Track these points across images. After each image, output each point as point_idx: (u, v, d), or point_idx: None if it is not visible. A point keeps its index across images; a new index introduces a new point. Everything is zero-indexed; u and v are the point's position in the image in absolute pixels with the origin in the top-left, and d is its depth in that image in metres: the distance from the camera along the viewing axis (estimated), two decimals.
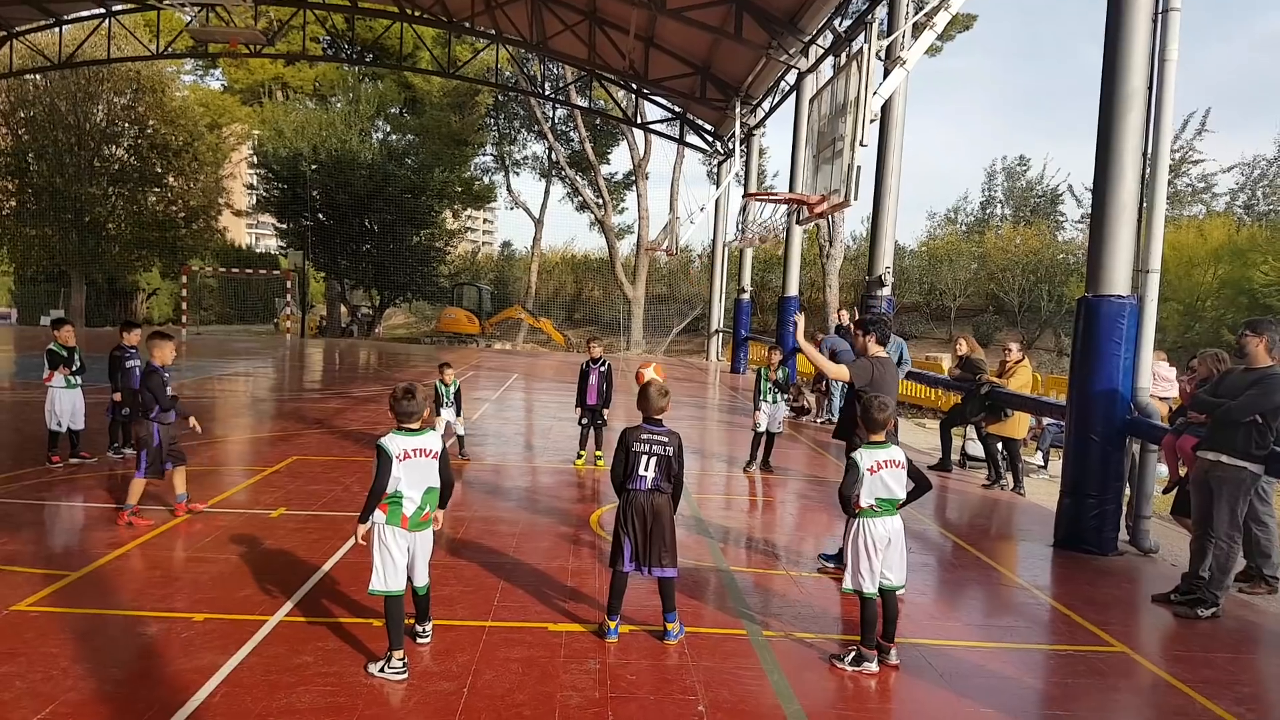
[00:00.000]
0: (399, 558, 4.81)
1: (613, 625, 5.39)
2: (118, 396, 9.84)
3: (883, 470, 5.14)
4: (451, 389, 10.58)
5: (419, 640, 5.14)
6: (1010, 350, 11.39)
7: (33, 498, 8.33)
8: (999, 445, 11.12)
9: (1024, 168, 48.13)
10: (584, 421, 10.92)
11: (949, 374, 11.30)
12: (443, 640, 5.23)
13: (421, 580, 5.01)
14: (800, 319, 7.65)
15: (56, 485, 8.85)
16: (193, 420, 8.09)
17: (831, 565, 7.05)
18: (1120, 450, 8.16)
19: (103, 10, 28.15)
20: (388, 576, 4.79)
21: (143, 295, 48.36)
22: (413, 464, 4.80)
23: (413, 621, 5.14)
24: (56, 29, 28.95)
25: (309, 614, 5.59)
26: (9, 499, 8.21)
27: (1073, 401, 8.45)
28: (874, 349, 6.95)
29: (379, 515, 4.80)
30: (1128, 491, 8.52)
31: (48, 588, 5.85)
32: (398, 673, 4.70)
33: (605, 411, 10.91)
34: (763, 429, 11.10)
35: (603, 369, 10.79)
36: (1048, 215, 46.04)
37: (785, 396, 11.34)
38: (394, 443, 4.78)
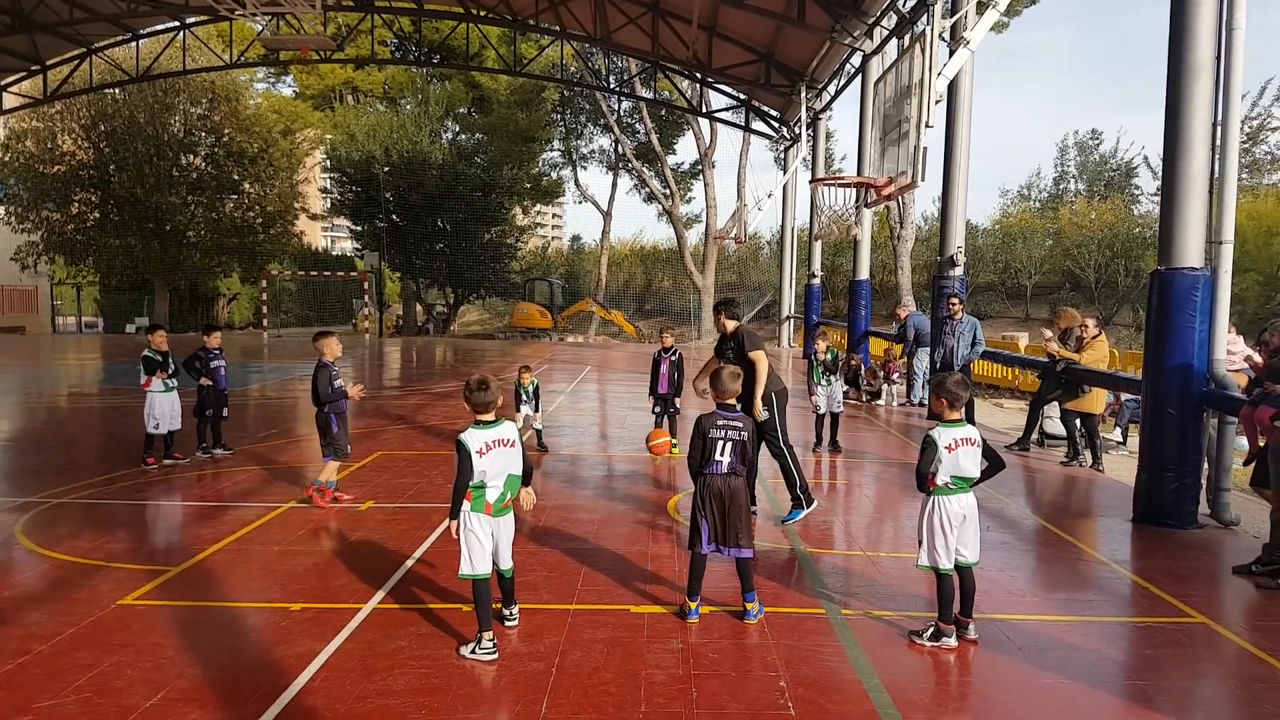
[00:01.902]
0: (485, 542, 5.01)
1: (693, 606, 5.52)
2: (206, 380, 10.37)
3: (959, 449, 5.17)
4: (530, 388, 10.84)
5: (507, 623, 5.34)
6: (1087, 326, 11.23)
7: (132, 498, 8.72)
8: (1077, 422, 11.02)
9: (1096, 141, 46.89)
10: (657, 410, 11.10)
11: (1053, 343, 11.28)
12: (530, 623, 5.43)
13: (506, 564, 5.21)
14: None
15: (153, 485, 9.26)
16: (358, 389, 8.60)
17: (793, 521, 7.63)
18: (1198, 423, 8.07)
19: (177, 23, 29.05)
20: (475, 561, 5.00)
21: (224, 300, 49.74)
22: (493, 455, 4.98)
23: (500, 605, 5.35)
24: (133, 43, 29.86)
25: (401, 601, 5.82)
26: (109, 499, 8.63)
27: (1148, 376, 8.39)
28: (730, 326, 7.73)
29: (464, 503, 5.00)
30: (1206, 465, 8.39)
31: (151, 582, 6.15)
32: (488, 653, 4.90)
33: (678, 400, 11.08)
34: (823, 410, 11.54)
35: (674, 358, 10.96)
36: (1123, 189, 44.73)
37: (837, 376, 11.58)
38: (473, 438, 4.97)
